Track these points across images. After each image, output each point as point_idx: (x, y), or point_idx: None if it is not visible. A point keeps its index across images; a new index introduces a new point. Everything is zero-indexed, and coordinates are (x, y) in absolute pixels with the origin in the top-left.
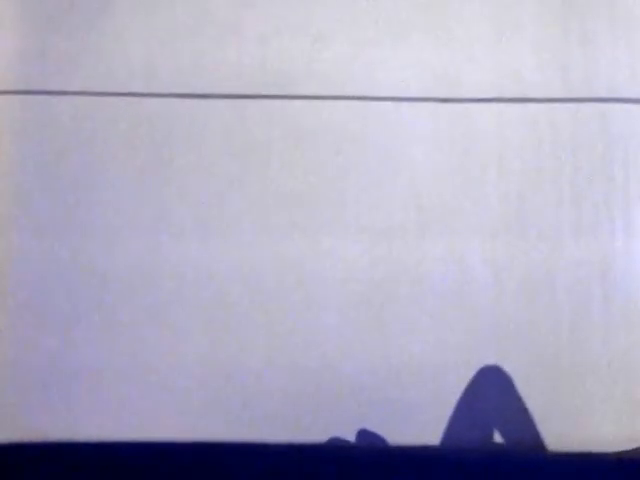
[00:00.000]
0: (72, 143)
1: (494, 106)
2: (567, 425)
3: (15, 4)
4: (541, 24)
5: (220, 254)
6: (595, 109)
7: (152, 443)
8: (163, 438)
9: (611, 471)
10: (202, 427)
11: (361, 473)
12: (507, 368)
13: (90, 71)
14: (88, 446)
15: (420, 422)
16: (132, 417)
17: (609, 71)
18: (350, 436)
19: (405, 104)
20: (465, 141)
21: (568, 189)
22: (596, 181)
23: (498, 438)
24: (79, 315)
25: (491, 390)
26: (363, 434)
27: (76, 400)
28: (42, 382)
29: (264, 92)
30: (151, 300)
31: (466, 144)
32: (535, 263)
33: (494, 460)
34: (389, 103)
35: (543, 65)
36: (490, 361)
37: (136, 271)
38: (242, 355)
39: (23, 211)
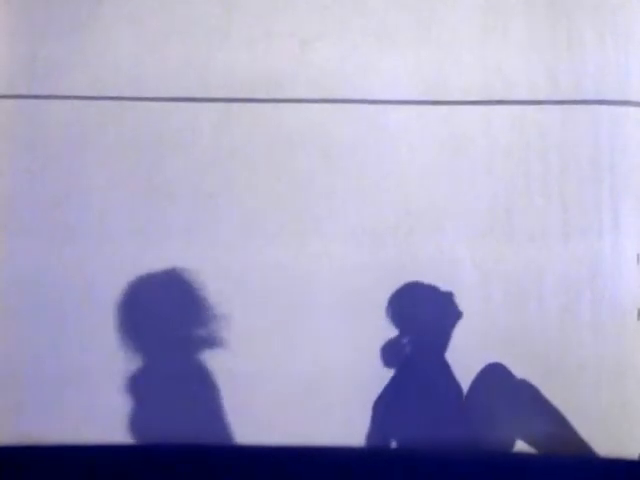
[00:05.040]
0: (61, 147)
1: (482, 108)
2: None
3: (4, 10)
4: (528, 27)
5: (208, 257)
6: (583, 111)
7: (143, 446)
8: (154, 441)
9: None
10: (192, 431)
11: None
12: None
13: (78, 76)
14: (78, 449)
15: (412, 423)
16: (123, 420)
17: (596, 73)
18: (342, 439)
19: (393, 107)
20: (453, 143)
21: (556, 191)
22: (584, 182)
23: (496, 438)
24: (67, 318)
25: (490, 390)
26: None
27: (67, 403)
28: (31, 385)
29: (252, 96)
30: (139, 302)
31: (454, 146)
32: (524, 264)
33: (491, 461)
34: (377, 106)
35: (530, 67)
36: (478, 362)
37: (124, 274)
38: (230, 358)
39: (12, 214)
